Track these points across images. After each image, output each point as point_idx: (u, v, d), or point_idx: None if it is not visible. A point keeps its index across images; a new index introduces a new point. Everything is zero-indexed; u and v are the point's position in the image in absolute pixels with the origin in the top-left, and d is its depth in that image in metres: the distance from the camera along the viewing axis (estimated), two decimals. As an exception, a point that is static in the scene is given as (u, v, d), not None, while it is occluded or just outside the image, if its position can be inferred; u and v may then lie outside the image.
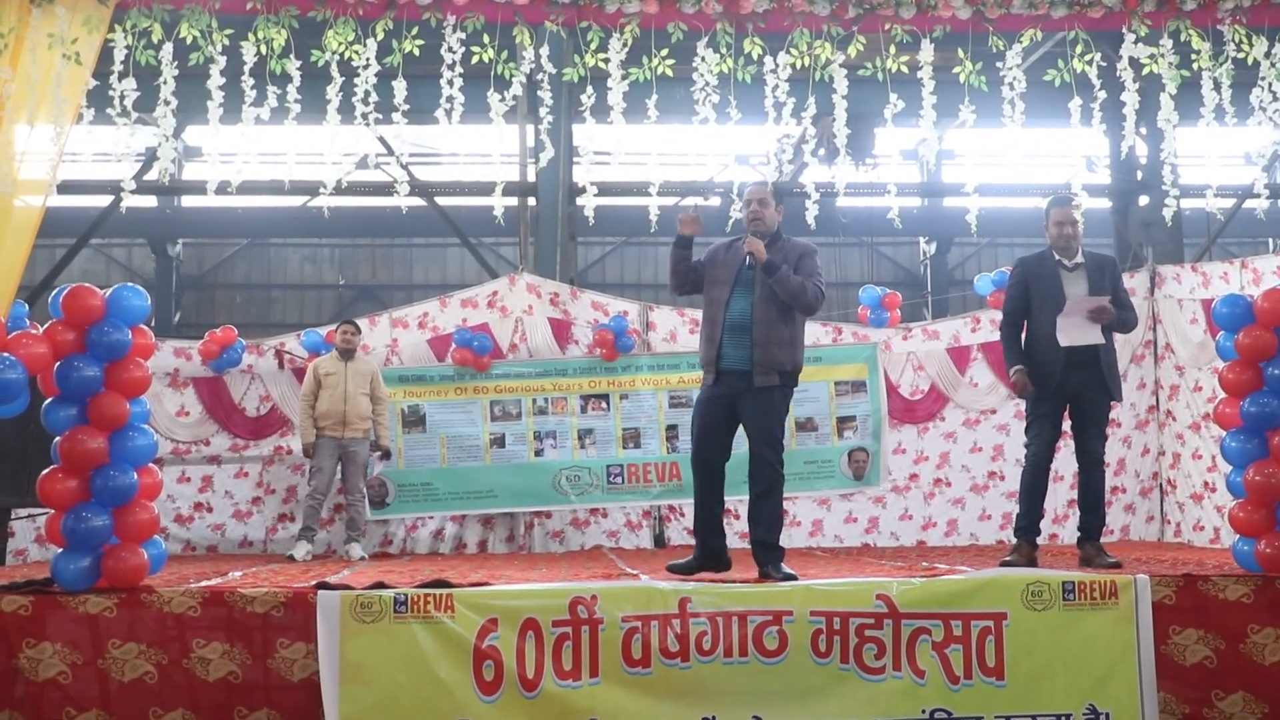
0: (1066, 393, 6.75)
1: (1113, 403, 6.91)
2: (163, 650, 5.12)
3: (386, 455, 9.79)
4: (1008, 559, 6.70)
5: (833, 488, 10.56)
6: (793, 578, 5.80)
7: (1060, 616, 5.18)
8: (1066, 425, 6.94)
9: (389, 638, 5.04)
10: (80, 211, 14.91)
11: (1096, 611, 5.20)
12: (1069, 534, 10.16)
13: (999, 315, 10.58)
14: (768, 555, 6.07)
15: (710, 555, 6.20)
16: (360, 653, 5.02)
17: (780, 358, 6.10)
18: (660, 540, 10.52)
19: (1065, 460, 10.27)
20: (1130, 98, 6.89)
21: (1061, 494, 10.23)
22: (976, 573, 5.60)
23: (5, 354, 5.24)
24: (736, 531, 10.51)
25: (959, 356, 10.82)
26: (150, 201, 18.88)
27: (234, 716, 5.08)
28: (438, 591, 5.11)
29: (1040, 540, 7.04)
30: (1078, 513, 7.01)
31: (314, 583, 5.46)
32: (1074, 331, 6.65)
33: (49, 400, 5.40)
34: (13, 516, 8.62)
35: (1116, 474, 10.44)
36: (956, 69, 6.80)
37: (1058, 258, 6.83)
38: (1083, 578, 5.28)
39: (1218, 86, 6.91)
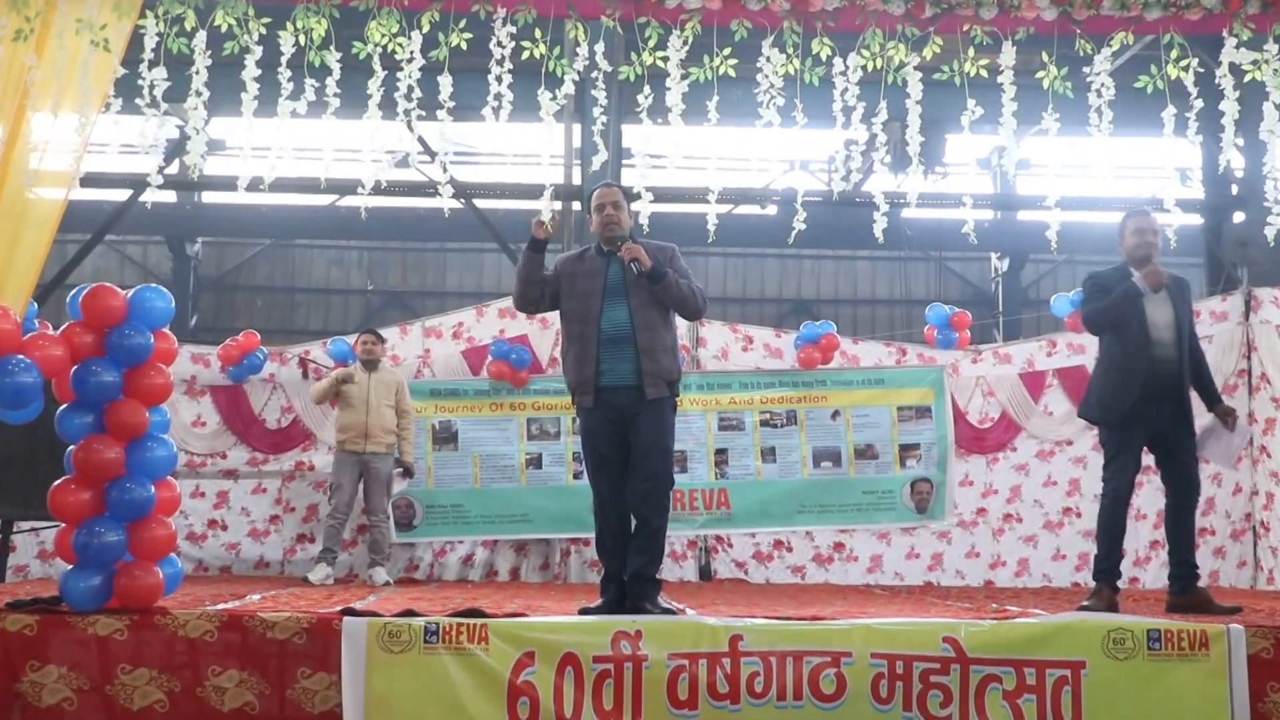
0: (1149, 426, 6.63)
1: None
2: (175, 677, 5.11)
3: (409, 473, 9.82)
4: (1086, 604, 6.61)
5: (893, 521, 10.51)
6: (672, 612, 5.77)
7: (1144, 667, 5.11)
8: (1149, 460, 6.84)
9: (418, 669, 5.04)
10: (94, 205, 15.08)
11: (1185, 663, 5.13)
12: (1152, 577, 10.09)
13: (1077, 338, 10.66)
14: (645, 589, 5.98)
15: (622, 594, 6.07)
16: (387, 684, 5.02)
17: (667, 366, 6.07)
18: (706, 573, 10.50)
19: (1148, 497, 10.21)
20: (1230, 106, 6.82)
21: (1144, 534, 10.16)
22: (1052, 616, 5.54)
23: (21, 356, 5.27)
24: (788, 565, 10.53)
25: (1033, 382, 10.76)
26: (169, 197, 19.04)
27: (250, 749, 5.09)
28: (471, 621, 5.11)
29: (1122, 585, 6.95)
30: (1163, 553, 6.90)
31: (339, 608, 5.47)
32: (1220, 449, 6.72)
33: (63, 406, 5.41)
34: (15, 529, 8.66)
35: (1205, 514, 10.33)
36: (1040, 73, 6.77)
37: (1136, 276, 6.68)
38: (1169, 625, 5.21)
39: (1327, 95, 6.83)
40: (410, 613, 5.33)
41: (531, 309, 6.34)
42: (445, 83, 6.36)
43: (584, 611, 5.79)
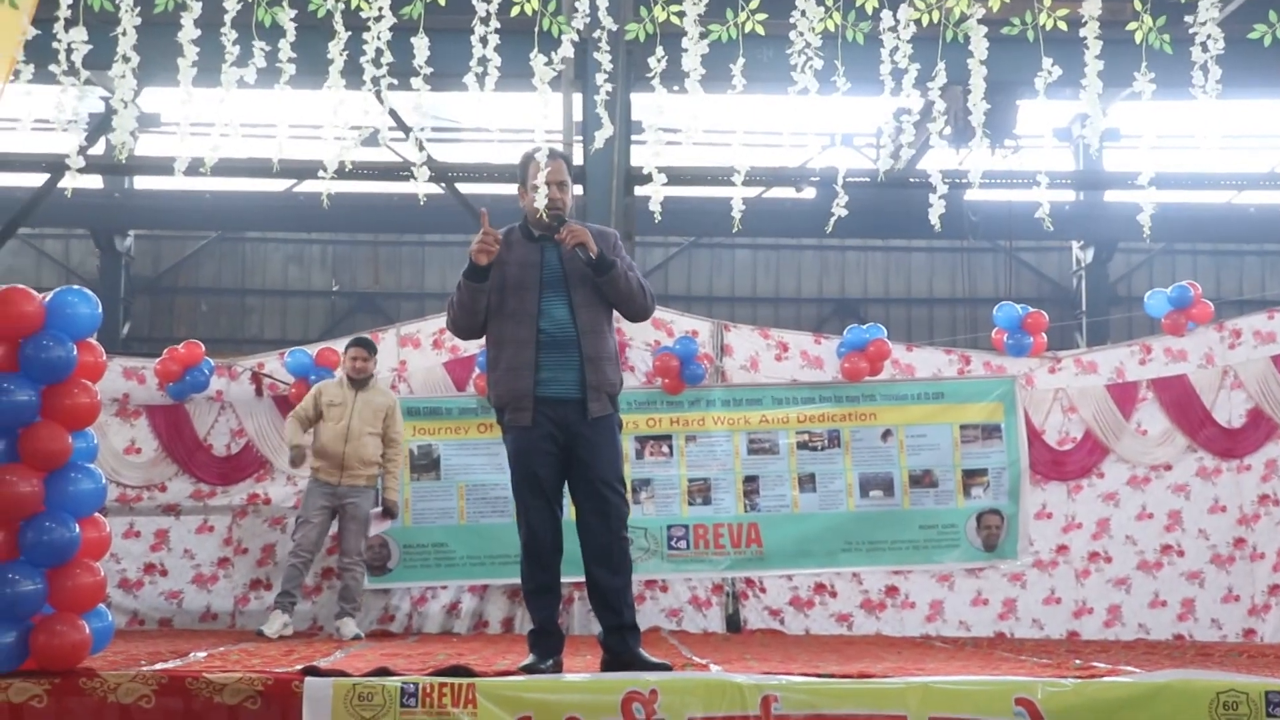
0: None
1: None
2: (105, 751, 5.14)
3: (391, 513, 9.81)
4: None
5: (957, 560, 10.52)
6: (666, 667, 5.76)
7: (1262, 736, 5.09)
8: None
9: (393, 739, 5.05)
10: (4, 193, 15.11)
11: (1310, 730, 5.10)
12: (1271, 630, 10.04)
13: (1176, 343, 10.66)
14: (630, 639, 6.01)
15: (557, 646, 6.16)
16: (356, 757, 5.03)
17: (612, 377, 6.04)
18: (735, 622, 10.51)
19: (1266, 532, 10.20)
20: (1369, 60, 6.79)
21: (1261, 577, 10.12)
22: (1148, 675, 5.51)
23: (-85, 371, 5.29)
24: (831, 613, 10.51)
25: (1123, 395, 10.74)
26: (95, 182, 19.08)
27: (192, 836, 5.09)
28: (457, 681, 5.10)
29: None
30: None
31: (300, 667, 5.48)
32: None
33: (-31, 432, 5.44)
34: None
35: (1277, 569, 10.29)
36: (1131, 25, 6.75)
37: None
38: (1291, 686, 5.18)
39: None
40: (384, 671, 5.34)
41: (477, 335, 6.28)
42: (420, 45, 6.33)
43: (526, 670, 5.82)
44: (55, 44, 6.17)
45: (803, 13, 6.49)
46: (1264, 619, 10.22)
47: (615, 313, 6.20)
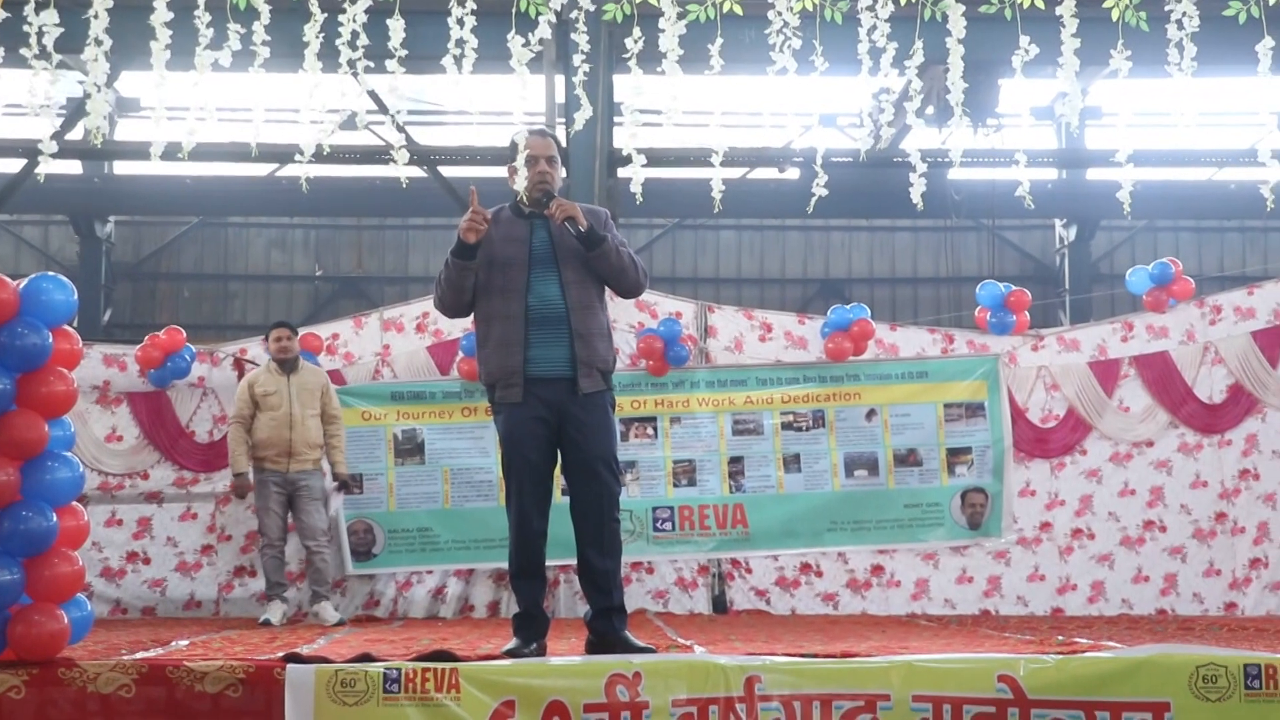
0: None
1: None
2: (86, 741, 5.11)
3: (347, 486, 9.83)
4: None
5: (942, 539, 10.54)
6: (651, 650, 5.74)
7: (1241, 710, 5.07)
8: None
9: (376, 725, 5.03)
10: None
11: (1291, 705, 5.11)
12: (1252, 603, 10.07)
13: (1157, 319, 10.67)
14: (617, 621, 6.03)
15: (542, 630, 6.16)
16: (339, 743, 5.01)
17: (604, 353, 5.98)
18: (721, 603, 10.51)
19: (1246, 507, 10.21)
20: (1344, 33, 6.78)
21: (1242, 551, 10.14)
22: (1129, 650, 5.51)
23: (-112, 360, 5.26)
24: (817, 593, 10.52)
25: (1105, 372, 10.75)
26: (74, 167, 18.98)
27: (175, 827, 5.06)
28: (440, 666, 5.08)
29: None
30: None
31: (281, 654, 5.45)
32: None
33: (-58, 420, 5.40)
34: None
35: (1258, 542, 10.32)
36: (1108, 3, 6.75)
37: None
38: (1272, 660, 5.19)
39: None
40: (367, 657, 5.32)
41: (464, 314, 6.22)
42: (396, 27, 6.31)
43: (510, 654, 5.80)
44: (26, 27, 6.12)
45: (781, -8, 6.48)
46: (1244, 592, 10.25)
47: (607, 290, 6.16)
